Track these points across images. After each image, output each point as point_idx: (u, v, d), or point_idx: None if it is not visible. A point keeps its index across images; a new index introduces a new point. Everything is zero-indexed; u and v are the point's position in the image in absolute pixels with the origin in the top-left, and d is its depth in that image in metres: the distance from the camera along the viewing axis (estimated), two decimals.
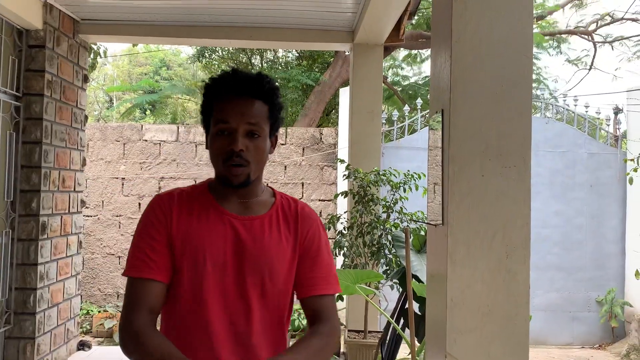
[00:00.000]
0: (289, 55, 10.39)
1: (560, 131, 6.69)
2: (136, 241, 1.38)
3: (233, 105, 1.35)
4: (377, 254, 4.04)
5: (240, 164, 1.34)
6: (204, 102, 1.43)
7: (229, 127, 1.34)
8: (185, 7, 4.20)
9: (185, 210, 1.38)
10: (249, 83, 1.37)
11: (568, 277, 6.62)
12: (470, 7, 1.83)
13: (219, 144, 1.36)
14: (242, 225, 1.38)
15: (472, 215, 1.81)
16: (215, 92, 1.39)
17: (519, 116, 1.83)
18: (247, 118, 1.35)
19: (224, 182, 1.38)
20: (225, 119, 1.35)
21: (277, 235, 1.41)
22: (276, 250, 1.39)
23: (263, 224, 1.40)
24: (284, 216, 1.44)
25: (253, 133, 1.36)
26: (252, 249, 1.37)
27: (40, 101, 3.90)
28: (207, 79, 1.45)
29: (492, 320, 1.80)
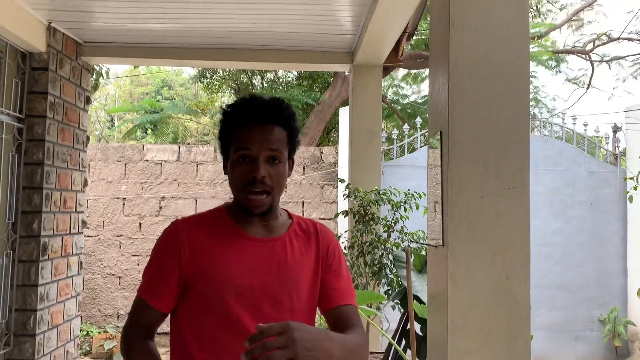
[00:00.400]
0: (289, 75, 10.48)
1: (559, 149, 6.72)
2: (148, 266, 1.43)
3: (254, 132, 1.37)
4: (378, 274, 4.04)
5: (263, 190, 1.36)
6: (222, 129, 1.44)
7: (250, 153, 1.36)
8: (187, 29, 4.25)
9: (205, 239, 1.39)
10: (269, 109, 1.39)
11: (570, 295, 6.58)
12: (467, 31, 1.86)
13: (240, 171, 1.37)
14: (265, 247, 1.41)
15: (472, 236, 1.82)
16: (235, 119, 1.41)
17: (517, 138, 1.85)
18: (268, 144, 1.37)
19: (244, 211, 1.40)
20: (247, 146, 1.36)
21: (299, 254, 1.44)
22: (300, 268, 1.42)
23: (285, 243, 1.43)
24: (303, 234, 1.48)
25: (274, 159, 1.38)
26: (277, 270, 1.39)
27: (43, 123, 3.93)
28: (225, 105, 1.47)
29: (493, 341, 1.80)
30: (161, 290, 1.38)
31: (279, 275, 1.39)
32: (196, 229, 1.41)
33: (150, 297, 1.39)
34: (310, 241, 1.48)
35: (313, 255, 1.46)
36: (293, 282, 1.40)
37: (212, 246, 1.38)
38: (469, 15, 1.86)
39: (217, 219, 1.44)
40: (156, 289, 1.39)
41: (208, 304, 1.36)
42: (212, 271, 1.35)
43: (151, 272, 1.41)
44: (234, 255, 1.37)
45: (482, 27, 1.86)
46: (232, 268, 1.36)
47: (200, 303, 1.36)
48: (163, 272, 1.38)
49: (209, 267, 1.36)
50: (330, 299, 1.45)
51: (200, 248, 1.38)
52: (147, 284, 1.41)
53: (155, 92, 14.37)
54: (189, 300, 1.38)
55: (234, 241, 1.39)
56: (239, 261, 1.37)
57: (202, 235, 1.39)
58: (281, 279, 1.39)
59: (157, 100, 13.24)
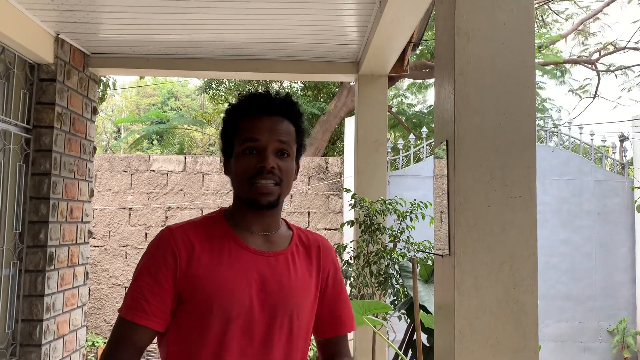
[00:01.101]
0: (294, 85, 10.52)
1: (566, 159, 6.70)
2: (137, 279, 1.25)
3: (263, 121, 1.28)
4: (384, 284, 4.02)
5: (272, 181, 1.25)
6: (226, 124, 1.34)
7: (258, 144, 1.26)
8: (193, 40, 4.29)
9: (202, 248, 1.25)
10: (279, 101, 1.31)
11: (578, 306, 6.53)
12: (473, 40, 1.86)
13: (245, 162, 1.26)
14: (267, 263, 1.28)
15: (479, 245, 1.81)
16: (243, 110, 1.31)
17: (524, 147, 1.85)
18: (278, 135, 1.27)
19: (250, 204, 1.27)
20: (255, 137, 1.26)
21: (301, 271, 1.33)
22: (302, 287, 1.31)
23: (287, 259, 1.31)
24: (304, 250, 1.36)
25: (283, 152, 1.28)
26: (279, 289, 1.27)
27: (50, 133, 3.96)
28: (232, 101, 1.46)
29: (500, 352, 1.78)
30: (155, 305, 1.21)
31: (280, 296, 1.27)
32: (192, 237, 1.26)
33: (140, 315, 1.21)
34: (312, 257, 1.37)
35: (314, 275, 1.35)
36: (294, 304, 1.29)
37: (209, 257, 1.24)
38: (475, 23, 1.87)
39: (215, 226, 1.29)
40: (148, 304, 1.21)
41: (201, 324, 1.22)
42: (209, 287, 1.21)
43: (141, 285, 1.23)
44: (234, 269, 1.24)
45: (488, 35, 1.87)
46: (234, 285, 1.23)
47: (193, 322, 1.23)
48: (156, 283, 1.22)
49: (206, 282, 1.22)
50: (333, 326, 1.39)
51: (197, 258, 1.23)
52: (136, 300, 1.22)
53: (161, 102, 14.46)
54: (180, 316, 1.24)
55: (233, 253, 1.26)
56: (240, 277, 1.24)
57: (199, 244, 1.25)
58: (282, 300, 1.27)
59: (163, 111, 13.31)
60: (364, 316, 3.03)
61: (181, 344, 1.24)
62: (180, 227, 1.28)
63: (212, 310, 1.21)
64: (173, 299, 1.23)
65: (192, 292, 1.22)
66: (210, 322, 1.21)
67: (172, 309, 1.24)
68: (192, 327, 1.23)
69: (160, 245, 1.26)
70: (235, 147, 1.29)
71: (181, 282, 1.22)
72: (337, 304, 1.39)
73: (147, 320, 1.21)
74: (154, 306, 1.21)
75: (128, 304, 1.23)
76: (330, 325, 1.39)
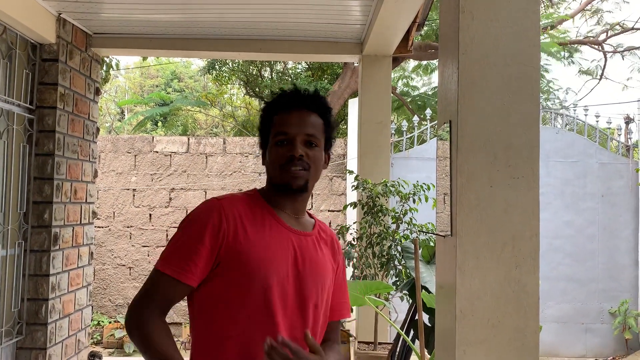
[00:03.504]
0: (298, 66, 10.45)
1: (570, 141, 6.66)
2: (182, 239, 1.35)
3: (292, 116, 1.42)
4: (386, 265, 4.04)
5: (301, 167, 1.39)
6: (263, 119, 1.48)
7: (288, 137, 1.40)
8: (196, 20, 4.25)
9: (247, 220, 1.38)
10: (307, 96, 1.45)
11: (580, 288, 6.55)
12: (477, 19, 1.84)
13: (278, 152, 1.40)
14: (300, 241, 1.42)
15: (481, 226, 1.81)
16: (276, 107, 1.46)
17: (527, 127, 1.84)
18: (305, 128, 1.41)
19: (282, 188, 1.41)
20: (284, 130, 1.41)
21: (323, 255, 1.48)
22: (325, 268, 1.46)
23: (314, 241, 1.47)
24: (324, 239, 1.51)
25: (311, 142, 1.42)
26: (309, 264, 1.41)
27: (53, 114, 3.95)
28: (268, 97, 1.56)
29: (501, 331, 1.79)
30: (193, 264, 1.32)
31: (310, 271, 1.41)
32: (239, 209, 1.38)
33: (178, 271, 1.31)
34: (330, 249, 1.52)
35: (331, 263, 1.50)
36: (320, 281, 1.43)
37: (253, 229, 1.37)
38: (479, 1, 1.84)
39: (256, 202, 1.43)
40: (187, 262, 1.32)
41: (248, 291, 1.33)
42: (252, 255, 1.34)
43: (183, 243, 1.34)
44: (274, 242, 1.38)
45: (493, 14, 1.84)
46: (274, 255, 1.36)
47: (234, 287, 1.33)
48: (202, 246, 1.32)
49: (249, 251, 1.34)
50: (333, 311, 1.51)
51: (242, 229, 1.35)
52: (175, 256, 1.33)
53: (164, 84, 14.41)
54: (221, 280, 1.34)
55: (274, 228, 1.40)
56: (280, 249, 1.38)
57: (245, 217, 1.38)
58: (312, 274, 1.41)
59: (166, 92, 13.27)
60: (366, 296, 3.05)
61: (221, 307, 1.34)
62: (227, 198, 1.41)
63: (253, 277, 1.33)
64: (214, 263, 1.33)
65: (235, 259, 1.33)
66: (250, 288, 1.33)
67: (210, 270, 1.34)
68: (233, 292, 1.33)
69: (209, 212, 1.36)
70: (269, 139, 1.44)
71: (226, 249, 1.33)
72: (339, 292, 1.53)
73: (187, 278, 1.32)
74: (198, 266, 1.32)
75: (170, 261, 1.33)
76: (332, 310, 1.51)
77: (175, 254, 1.34)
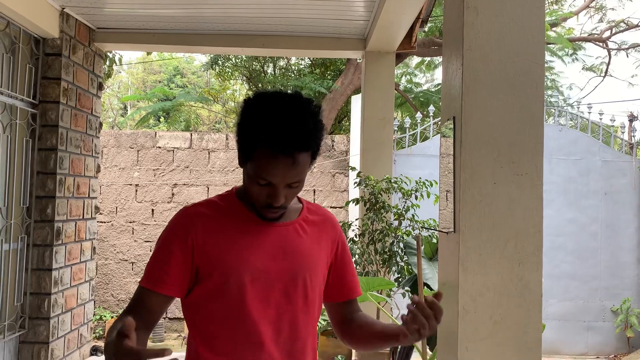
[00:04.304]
0: (301, 62, 10.43)
1: (574, 138, 6.64)
2: (156, 253, 1.38)
3: (278, 164, 1.24)
4: (388, 262, 4.03)
5: (279, 212, 1.34)
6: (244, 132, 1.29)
7: (270, 183, 1.28)
8: (199, 15, 4.24)
9: (216, 225, 1.35)
10: (299, 138, 1.24)
11: (582, 285, 6.54)
12: (482, 15, 1.83)
13: (257, 190, 1.30)
14: (278, 232, 1.37)
15: (484, 222, 1.80)
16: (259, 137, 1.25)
17: (531, 123, 1.83)
18: (290, 178, 1.27)
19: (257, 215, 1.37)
20: (267, 179, 1.27)
21: (311, 240, 1.41)
22: (312, 254, 1.40)
23: (296, 229, 1.40)
24: (314, 221, 1.45)
25: (293, 185, 1.30)
26: (291, 254, 1.36)
27: (56, 108, 3.95)
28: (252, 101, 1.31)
29: (504, 328, 1.79)
30: (166, 275, 1.33)
31: (293, 261, 1.36)
32: (208, 215, 1.37)
33: (153, 282, 1.33)
34: (322, 229, 1.45)
35: (325, 244, 1.44)
36: (307, 269, 1.38)
37: (225, 232, 1.35)
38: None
39: (228, 204, 1.39)
40: (161, 273, 1.33)
41: (223, 292, 1.32)
42: (227, 258, 1.32)
43: (157, 258, 1.36)
44: (249, 240, 1.34)
45: (498, 9, 1.83)
46: (247, 253, 1.33)
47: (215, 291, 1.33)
48: (173, 256, 1.33)
49: (223, 254, 1.32)
50: (347, 291, 1.48)
51: (213, 234, 1.34)
52: (151, 271, 1.35)
53: (167, 79, 14.40)
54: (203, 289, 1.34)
55: (247, 226, 1.36)
56: (253, 246, 1.34)
57: (214, 221, 1.36)
58: (295, 264, 1.36)
59: (169, 88, 13.27)
60: (368, 293, 3.05)
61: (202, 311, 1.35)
62: (197, 206, 1.40)
63: (228, 279, 1.31)
64: (191, 272, 1.34)
65: (208, 264, 1.32)
66: (227, 291, 1.31)
67: (190, 280, 1.35)
68: (210, 296, 1.33)
69: (178, 222, 1.37)
70: (247, 165, 1.30)
71: (199, 255, 1.33)
72: (349, 269, 1.49)
73: (162, 288, 1.32)
74: (171, 275, 1.32)
75: (147, 274, 1.36)
76: (342, 290, 1.48)
77: (150, 266, 1.36)
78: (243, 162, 1.33)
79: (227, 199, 1.41)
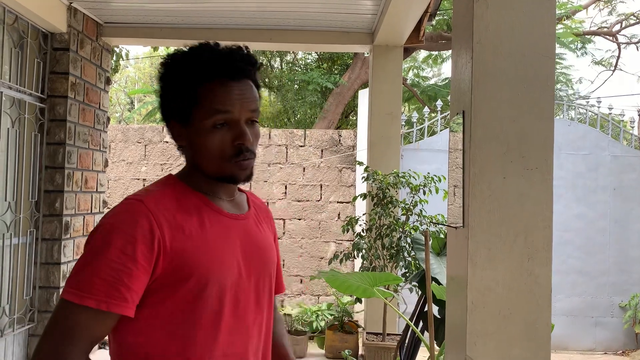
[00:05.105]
0: (308, 57, 10.41)
1: (583, 133, 6.59)
2: (102, 257, 1.02)
3: (232, 90, 1.11)
4: (396, 257, 4.03)
5: (250, 157, 1.14)
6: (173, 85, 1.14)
7: (231, 117, 1.11)
8: (206, 9, 4.24)
9: (182, 219, 1.10)
10: (243, 61, 1.14)
11: (590, 281, 6.50)
12: (492, 7, 1.81)
13: (219, 139, 1.11)
14: (242, 227, 1.19)
15: (493, 217, 1.79)
16: (200, 73, 1.11)
17: (541, 117, 1.81)
18: (249, 105, 1.13)
19: (225, 180, 1.15)
20: (227, 109, 1.10)
21: (265, 232, 1.26)
22: (270, 247, 1.26)
23: (254, 221, 1.24)
24: (260, 212, 1.29)
25: (253, 121, 1.15)
26: (256, 250, 1.20)
27: (64, 103, 3.97)
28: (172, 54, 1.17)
29: (513, 323, 1.78)
30: (125, 288, 1.02)
31: (261, 259, 1.20)
32: (169, 207, 1.10)
33: (106, 300, 1.00)
34: (266, 219, 1.31)
35: (271, 236, 1.30)
36: (271, 265, 1.24)
37: (191, 228, 1.10)
38: None
39: (184, 194, 1.14)
40: (117, 286, 1.01)
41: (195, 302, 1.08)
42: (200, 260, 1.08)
43: (106, 264, 1.01)
44: (218, 238, 1.13)
45: (508, 2, 1.81)
46: (220, 254, 1.12)
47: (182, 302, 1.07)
48: (134, 263, 1.02)
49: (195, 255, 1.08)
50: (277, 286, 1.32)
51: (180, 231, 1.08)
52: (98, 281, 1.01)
53: None
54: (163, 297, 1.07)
55: (213, 221, 1.14)
56: (225, 245, 1.14)
57: (178, 214, 1.10)
58: (263, 262, 1.21)
59: None
60: (375, 288, 3.05)
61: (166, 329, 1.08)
62: (151, 196, 1.11)
63: (207, 285, 1.08)
64: (149, 280, 1.05)
65: (180, 269, 1.06)
66: (206, 299, 1.08)
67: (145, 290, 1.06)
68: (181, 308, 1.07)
69: (134, 218, 1.05)
70: (196, 118, 1.12)
71: (164, 260, 1.05)
72: (278, 265, 1.34)
73: (121, 307, 1.01)
74: (132, 290, 1.02)
75: (92, 289, 1.00)
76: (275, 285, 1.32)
77: (96, 278, 1.01)
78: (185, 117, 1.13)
79: (179, 188, 1.16)
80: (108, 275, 1.01)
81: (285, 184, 6.57)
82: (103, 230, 1.05)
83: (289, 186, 6.55)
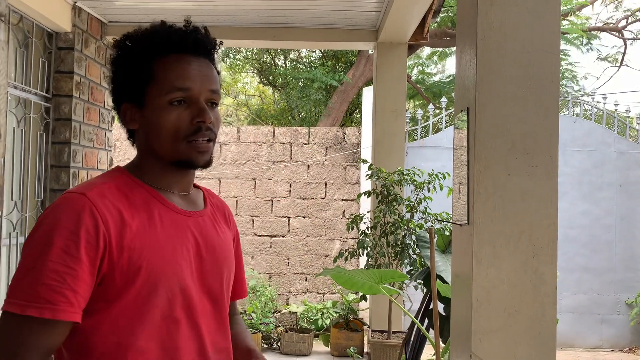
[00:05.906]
0: (312, 55, 10.41)
1: (588, 130, 6.56)
2: (44, 259, 0.93)
3: (191, 65, 1.06)
4: (400, 254, 4.03)
5: (209, 137, 1.06)
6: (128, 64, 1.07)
7: (190, 94, 1.04)
8: (209, 8, 4.24)
9: (130, 214, 1.01)
10: (202, 38, 1.09)
11: (596, 278, 6.48)
12: (496, 4, 1.81)
13: (176, 117, 1.03)
14: (197, 225, 1.11)
15: (498, 214, 1.79)
16: (157, 49, 1.05)
17: (546, 114, 1.81)
18: (209, 84, 1.07)
19: (182, 164, 1.07)
20: (186, 85, 1.04)
21: (223, 233, 1.18)
22: (228, 247, 1.18)
23: (211, 219, 1.17)
24: (217, 210, 1.22)
25: (213, 102, 1.08)
26: (212, 251, 1.12)
27: (69, 102, 3.98)
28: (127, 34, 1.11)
29: (518, 320, 1.78)
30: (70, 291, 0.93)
31: (217, 260, 1.12)
32: (115, 202, 1.01)
33: (51, 308, 0.91)
34: (225, 219, 1.23)
35: (230, 235, 1.22)
36: (228, 266, 1.16)
37: (141, 224, 1.01)
38: None
39: (132, 187, 1.06)
40: (61, 290, 0.92)
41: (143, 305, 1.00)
42: (151, 259, 1.00)
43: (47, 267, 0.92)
44: (170, 235, 1.05)
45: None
46: (171, 252, 1.04)
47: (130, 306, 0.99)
48: (79, 264, 0.94)
49: (145, 254, 1.00)
50: (237, 290, 1.26)
51: (128, 227, 1.00)
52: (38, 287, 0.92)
53: None
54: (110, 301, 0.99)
55: (164, 217, 1.05)
56: (177, 243, 1.05)
57: (125, 210, 1.01)
58: (219, 263, 1.13)
59: None
60: (380, 285, 3.05)
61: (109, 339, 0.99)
62: (95, 189, 1.01)
63: (156, 287, 1.00)
64: (94, 282, 0.97)
65: (127, 269, 0.98)
66: (155, 302, 1.00)
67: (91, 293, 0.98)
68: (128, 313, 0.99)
69: (76, 214, 0.96)
70: (151, 96, 1.05)
71: (110, 260, 0.97)
72: (240, 268, 1.26)
73: (66, 313, 0.92)
74: (78, 293, 0.94)
75: (32, 296, 0.91)
76: (234, 290, 1.24)
77: (38, 284, 0.92)
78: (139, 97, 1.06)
79: (127, 181, 1.07)
80: (51, 279, 0.92)
81: (290, 181, 6.57)
82: (42, 229, 0.96)
83: (293, 184, 6.55)
